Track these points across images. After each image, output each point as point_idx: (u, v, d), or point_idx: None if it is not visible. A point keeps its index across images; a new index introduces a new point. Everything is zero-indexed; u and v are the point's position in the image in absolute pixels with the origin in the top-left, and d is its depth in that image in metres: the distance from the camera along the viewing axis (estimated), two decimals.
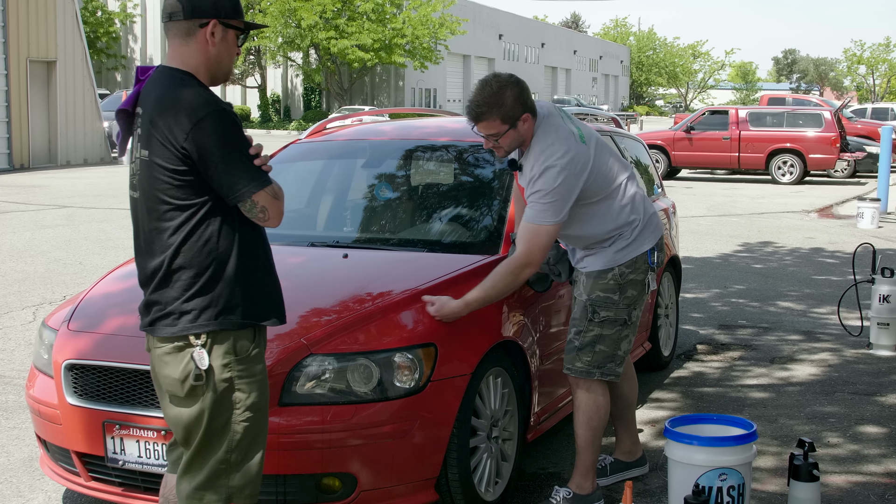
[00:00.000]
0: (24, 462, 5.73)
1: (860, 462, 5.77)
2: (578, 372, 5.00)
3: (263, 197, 3.45)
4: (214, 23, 3.52)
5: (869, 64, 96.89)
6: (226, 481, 3.58)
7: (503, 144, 4.75)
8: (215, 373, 3.50)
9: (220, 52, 3.57)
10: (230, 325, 3.50)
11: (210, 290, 3.49)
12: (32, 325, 8.91)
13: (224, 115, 3.42)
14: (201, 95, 3.44)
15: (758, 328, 9.14)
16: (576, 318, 5.04)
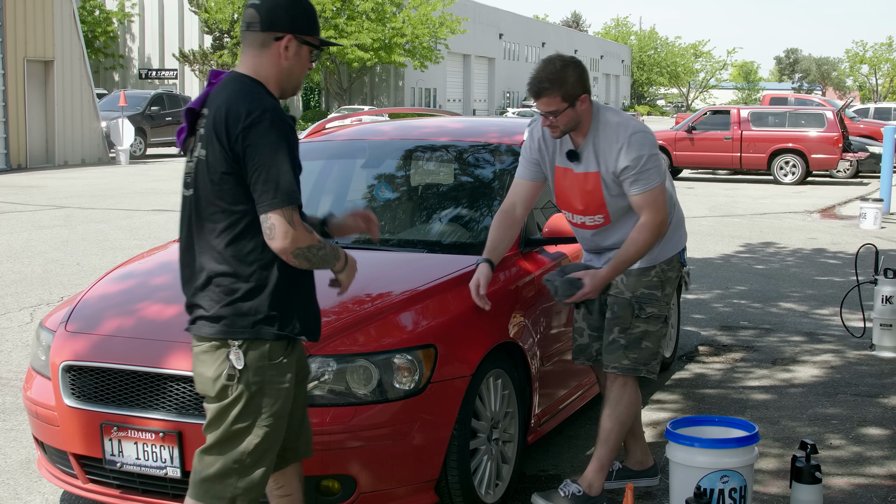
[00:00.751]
0: (22, 464, 5.71)
1: (863, 464, 5.74)
2: (625, 369, 5.00)
3: (276, 216, 3.46)
4: (290, 38, 3.63)
5: (871, 63, 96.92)
6: (234, 481, 3.64)
7: (560, 123, 4.78)
8: (249, 375, 3.59)
9: (293, 66, 3.66)
10: (266, 335, 3.58)
11: (250, 299, 3.57)
12: (30, 326, 8.88)
13: (279, 125, 3.48)
14: (262, 102, 3.52)
15: (760, 329, 9.11)
16: (619, 317, 5.01)
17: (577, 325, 5.29)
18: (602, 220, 4.96)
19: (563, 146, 4.96)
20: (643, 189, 4.78)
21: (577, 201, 4.96)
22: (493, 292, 5.05)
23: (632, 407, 5.07)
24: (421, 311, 4.73)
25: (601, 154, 4.84)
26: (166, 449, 4.31)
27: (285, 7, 3.63)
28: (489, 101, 72.89)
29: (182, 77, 57.12)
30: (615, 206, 4.91)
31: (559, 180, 5.02)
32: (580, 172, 4.90)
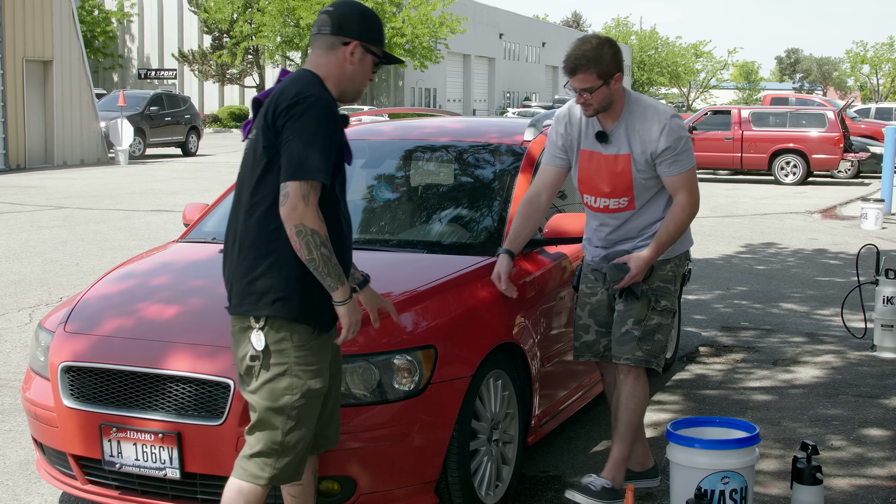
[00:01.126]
0: (21, 465, 5.69)
1: (864, 465, 5.73)
2: (638, 361, 5.04)
3: (293, 185, 3.61)
4: (356, 44, 3.85)
5: (873, 63, 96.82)
6: (272, 461, 3.78)
7: (594, 101, 4.85)
8: (271, 357, 3.75)
9: (356, 71, 3.87)
10: (286, 313, 3.72)
11: (271, 276, 3.73)
12: (29, 326, 8.87)
13: (321, 108, 3.68)
14: (313, 89, 3.74)
15: (760, 330, 9.10)
16: (633, 309, 5.04)
17: (582, 322, 5.27)
18: (626, 203, 5.01)
19: (591, 128, 5.02)
20: (681, 170, 4.92)
21: (604, 184, 5.01)
22: (492, 293, 5.05)
23: (646, 399, 5.16)
24: (421, 311, 4.72)
25: (635, 136, 4.92)
26: (165, 450, 4.30)
27: (356, 16, 3.87)
28: (489, 102, 72.86)
29: (181, 77, 57.15)
30: (641, 188, 4.98)
31: (584, 163, 5.07)
32: (609, 154, 4.97)
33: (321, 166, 3.63)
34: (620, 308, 5.09)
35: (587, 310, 5.24)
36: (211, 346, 4.37)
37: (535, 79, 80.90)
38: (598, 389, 6.35)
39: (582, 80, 4.82)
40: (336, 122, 3.72)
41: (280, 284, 3.72)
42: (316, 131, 3.65)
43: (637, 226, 5.05)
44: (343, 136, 3.82)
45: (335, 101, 3.81)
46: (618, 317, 5.10)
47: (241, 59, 52.87)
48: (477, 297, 4.97)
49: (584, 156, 5.05)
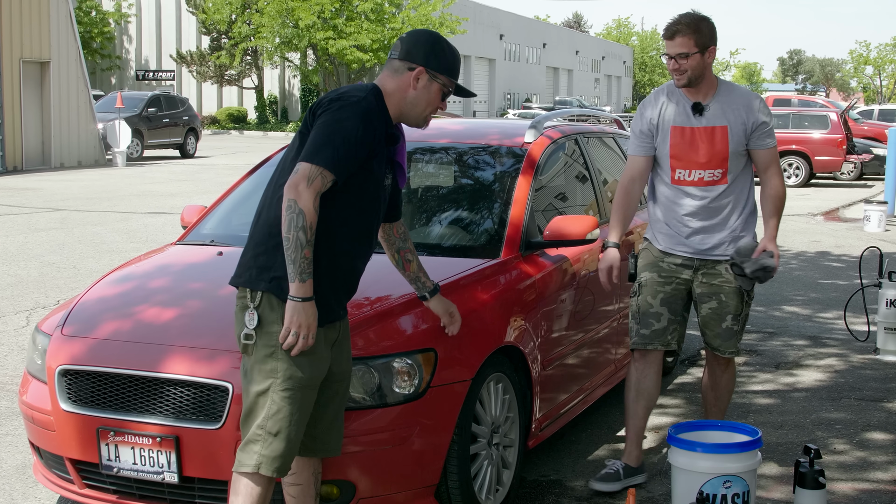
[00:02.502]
0: (18, 469, 5.67)
1: (867, 469, 5.71)
2: (739, 352, 5.52)
3: (304, 166, 3.69)
4: (421, 70, 3.95)
5: (876, 64, 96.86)
6: (258, 448, 3.76)
7: (688, 68, 5.08)
8: (262, 336, 3.77)
9: (419, 97, 3.97)
10: (280, 293, 3.74)
11: (274, 255, 3.77)
12: (26, 329, 8.84)
13: (358, 108, 3.76)
14: (363, 94, 3.83)
15: (763, 333, 9.07)
16: (728, 305, 5.31)
17: (654, 311, 5.35)
18: (720, 175, 5.21)
19: (682, 105, 5.23)
20: (774, 143, 5.26)
21: (701, 154, 5.20)
22: (493, 295, 5.03)
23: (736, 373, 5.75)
24: (421, 314, 4.68)
25: (731, 109, 5.18)
26: (164, 454, 4.28)
27: (425, 44, 3.97)
28: (489, 103, 72.83)
29: (179, 78, 57.11)
30: (735, 161, 5.21)
31: (676, 139, 5.24)
32: (705, 126, 5.20)
33: (333, 157, 3.69)
34: (714, 305, 5.32)
35: (660, 298, 5.35)
36: (209, 350, 4.35)
37: (535, 80, 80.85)
38: (599, 393, 6.33)
39: (680, 45, 5.06)
40: (368, 127, 3.77)
41: (280, 264, 3.75)
42: (342, 125, 3.73)
43: (723, 204, 5.25)
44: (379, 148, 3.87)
45: (381, 112, 3.88)
46: (713, 314, 5.34)
47: (239, 60, 52.85)
48: (477, 300, 4.94)
49: (676, 132, 5.24)
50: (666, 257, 5.36)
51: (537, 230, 5.68)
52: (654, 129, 5.30)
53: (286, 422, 3.76)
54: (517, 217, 5.56)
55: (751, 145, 5.22)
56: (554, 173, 6.33)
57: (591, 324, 6.13)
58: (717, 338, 5.37)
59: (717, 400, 5.57)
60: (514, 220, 5.54)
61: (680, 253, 5.32)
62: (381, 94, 3.93)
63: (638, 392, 5.43)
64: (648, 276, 5.37)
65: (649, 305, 5.35)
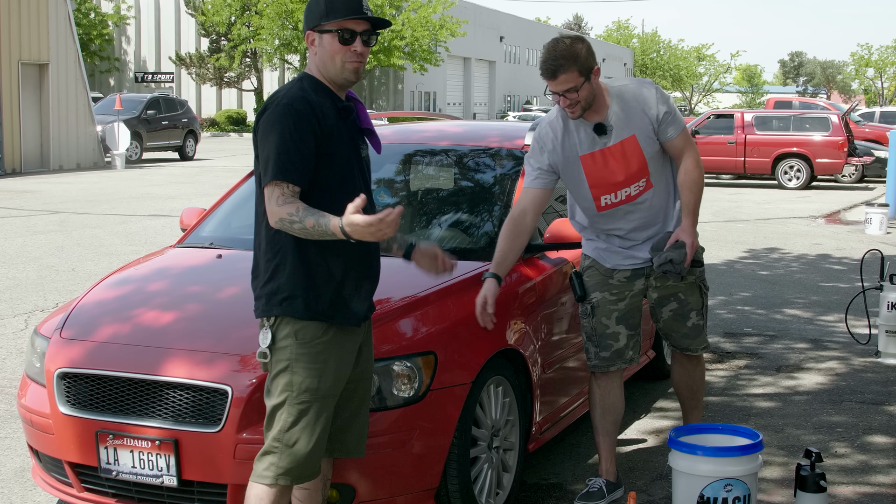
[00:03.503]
0: (16, 473, 5.66)
1: (868, 473, 5.69)
2: (708, 347, 5.47)
3: (266, 191, 3.71)
4: (308, 34, 3.89)
5: (877, 67, 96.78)
6: (276, 460, 3.77)
7: (581, 98, 4.84)
8: (276, 352, 3.79)
9: (323, 57, 3.86)
10: (293, 313, 3.77)
11: (277, 278, 3.79)
12: (24, 332, 8.83)
13: (282, 108, 3.73)
14: (283, 91, 3.82)
15: (764, 336, 9.06)
16: (689, 303, 5.27)
17: (610, 331, 5.20)
18: (645, 183, 5.05)
19: (583, 132, 5.00)
20: (681, 127, 5.05)
21: (619, 173, 5.02)
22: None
23: None
24: (420, 317, 4.68)
25: (632, 116, 4.98)
26: (163, 457, 4.27)
27: (305, 11, 3.91)
28: (490, 105, 72.90)
29: (178, 80, 57.15)
30: (654, 164, 5.05)
31: (589, 168, 5.03)
32: (614, 144, 4.99)
33: (281, 168, 3.67)
34: (675, 306, 5.25)
35: (615, 317, 5.20)
36: (208, 353, 4.34)
37: (536, 82, 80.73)
38: None
39: (565, 81, 4.79)
40: (299, 120, 3.71)
41: (286, 284, 3.77)
42: (273, 133, 3.72)
43: (658, 205, 5.12)
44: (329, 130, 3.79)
45: (314, 95, 3.81)
46: (674, 315, 5.27)
47: (238, 62, 52.87)
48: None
49: (587, 160, 5.01)
50: (615, 273, 5.20)
51: (538, 233, 5.66)
52: (557, 166, 5.05)
53: (302, 433, 3.77)
54: None
55: (661, 138, 5.01)
56: None
57: None
58: (685, 338, 5.31)
59: (693, 397, 5.55)
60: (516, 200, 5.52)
61: (629, 267, 5.19)
62: (310, 78, 3.87)
63: (604, 409, 5.30)
64: (600, 295, 5.20)
65: (605, 327, 5.20)
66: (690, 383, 5.52)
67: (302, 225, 3.64)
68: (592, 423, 5.37)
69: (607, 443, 5.33)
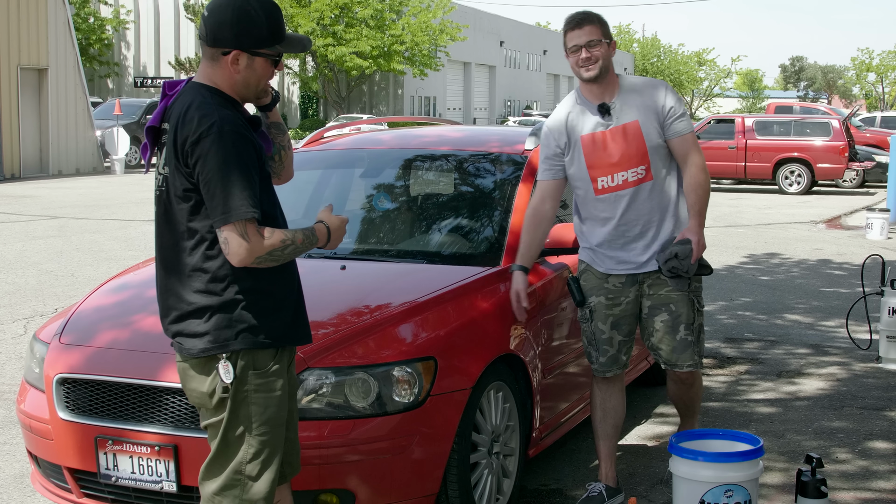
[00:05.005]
0: (15, 478, 5.66)
1: (869, 478, 5.68)
2: (697, 365, 5.25)
3: (228, 231, 3.43)
4: (237, 53, 3.54)
5: (878, 72, 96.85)
6: (238, 492, 3.63)
7: (600, 56, 4.97)
8: (237, 385, 3.58)
9: (247, 77, 3.59)
10: (249, 344, 3.56)
11: (229, 311, 3.54)
12: (23, 338, 8.83)
13: (227, 136, 3.42)
14: (212, 114, 3.45)
15: (765, 341, 9.05)
16: (680, 314, 5.14)
17: (605, 336, 5.21)
18: (644, 171, 5.04)
19: (587, 115, 5.08)
20: (689, 128, 5.08)
21: (616, 155, 5.03)
22: (493, 303, 5.01)
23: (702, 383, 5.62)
24: (420, 322, 4.67)
25: (639, 103, 5.04)
26: (162, 463, 4.26)
27: (230, 23, 3.52)
28: (490, 110, 72.91)
29: None
30: (655, 157, 5.04)
31: (588, 149, 5.07)
32: (616, 126, 5.04)
33: (243, 199, 3.40)
34: (665, 317, 5.14)
35: (609, 322, 5.20)
36: None
37: (536, 87, 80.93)
38: None
39: (588, 33, 4.96)
40: (245, 140, 3.47)
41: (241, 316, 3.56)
42: (228, 164, 3.41)
43: (655, 203, 5.09)
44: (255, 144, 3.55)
45: (236, 114, 3.54)
46: (665, 326, 5.15)
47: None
48: (477, 309, 4.92)
49: (587, 141, 5.08)
50: (609, 277, 5.19)
51: None
52: (565, 148, 5.12)
53: (267, 463, 3.65)
54: (517, 225, 5.53)
55: (666, 135, 5.04)
56: None
57: None
58: (673, 352, 5.15)
59: (688, 410, 5.54)
60: (515, 227, 5.52)
61: (623, 272, 5.17)
62: (218, 92, 3.56)
63: (604, 413, 5.32)
64: (596, 300, 5.20)
65: (602, 332, 5.22)
66: (685, 398, 5.49)
67: (294, 245, 3.53)
68: (593, 427, 5.37)
69: (607, 447, 5.33)
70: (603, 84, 5.03)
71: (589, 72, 4.97)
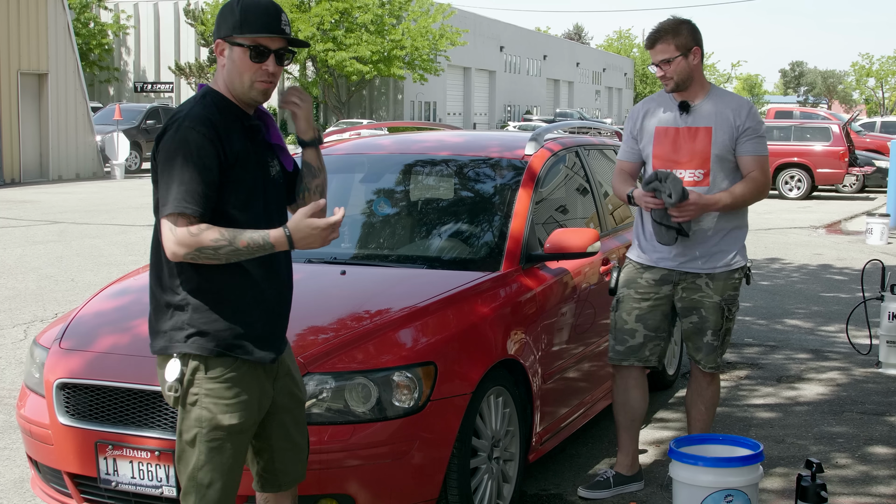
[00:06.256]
0: (15, 483, 5.65)
1: (869, 483, 5.67)
2: (719, 367, 5.45)
3: (164, 223, 3.46)
4: (218, 42, 3.58)
5: (878, 76, 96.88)
6: (195, 499, 3.62)
7: (672, 73, 5.12)
8: (185, 387, 3.57)
9: (231, 70, 3.57)
10: (196, 349, 3.54)
11: (181, 312, 3.57)
12: (23, 343, 8.82)
13: (183, 131, 3.46)
14: (181, 111, 3.53)
15: (765, 346, 9.05)
16: (709, 320, 5.30)
17: (628, 327, 5.39)
18: (702, 176, 5.17)
19: (670, 107, 5.27)
20: (759, 152, 5.19)
21: (682, 153, 5.20)
22: (493, 308, 5.01)
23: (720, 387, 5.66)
24: (420, 327, 4.67)
25: (719, 113, 5.18)
26: (162, 468, 4.25)
27: (219, 17, 3.60)
28: (490, 115, 72.92)
29: (178, 90, 57.14)
30: (717, 164, 5.17)
31: (659, 139, 5.27)
32: (689, 127, 5.20)
33: (180, 195, 3.40)
34: (695, 319, 5.31)
35: (635, 314, 5.36)
36: None
37: (536, 92, 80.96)
38: (600, 406, 6.30)
39: (662, 51, 5.11)
40: (201, 141, 3.44)
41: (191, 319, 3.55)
42: (175, 158, 3.43)
43: (708, 215, 5.19)
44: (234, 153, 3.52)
45: (217, 115, 3.52)
46: (693, 327, 5.34)
47: None
48: (477, 314, 4.92)
49: (660, 132, 5.27)
50: (645, 272, 5.35)
51: (538, 243, 5.66)
52: (639, 133, 5.35)
53: (217, 472, 3.60)
54: (518, 230, 5.54)
55: (737, 151, 5.19)
56: (554, 186, 6.32)
57: (592, 337, 6.10)
58: (699, 351, 5.38)
59: (700, 414, 5.54)
60: (515, 232, 5.53)
61: (661, 266, 5.31)
62: (215, 94, 3.59)
63: (622, 405, 5.54)
64: (626, 291, 5.40)
65: (624, 322, 5.40)
66: (700, 399, 5.52)
67: (233, 247, 3.41)
68: (614, 416, 5.61)
69: (623, 437, 5.56)
70: (686, 90, 5.21)
71: (667, 87, 5.20)
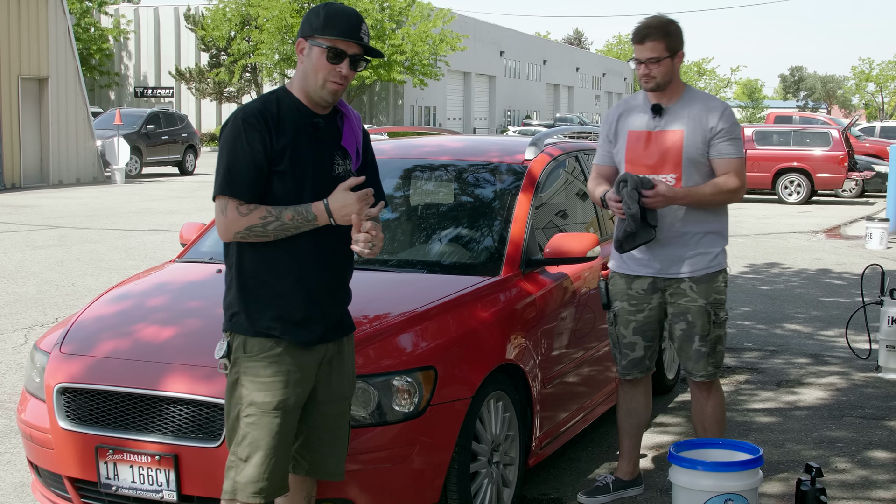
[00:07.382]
0: (16, 488, 5.65)
1: (869, 488, 5.67)
2: (711, 376, 5.28)
3: (216, 205, 3.75)
4: (301, 41, 3.80)
5: (878, 81, 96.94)
6: (232, 475, 3.77)
7: (657, 73, 5.05)
8: (230, 365, 3.81)
9: (306, 68, 3.78)
10: (239, 328, 3.78)
11: (230, 292, 3.84)
12: (24, 347, 8.82)
13: (233, 122, 3.72)
14: (243, 105, 3.80)
15: (764, 351, 9.04)
16: (696, 325, 5.20)
17: (627, 341, 5.35)
18: (673, 181, 5.10)
19: (644, 109, 5.20)
20: (734, 154, 5.11)
21: (652, 156, 5.14)
22: (493, 313, 5.01)
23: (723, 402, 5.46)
24: (420, 332, 4.67)
25: (692, 115, 5.10)
26: (162, 472, 4.26)
27: (304, 18, 3.83)
28: (490, 120, 72.98)
29: (178, 95, 57.24)
30: (691, 167, 5.09)
31: (631, 143, 5.20)
32: (660, 130, 5.14)
33: (223, 182, 3.69)
34: (683, 326, 5.22)
35: (632, 327, 5.32)
36: (208, 368, 4.31)
37: (536, 97, 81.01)
38: (600, 411, 6.30)
39: (651, 49, 5.02)
40: (250, 131, 3.69)
41: (235, 299, 3.82)
42: (225, 146, 3.73)
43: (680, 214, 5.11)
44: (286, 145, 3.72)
45: (275, 110, 3.75)
46: (682, 335, 5.24)
47: (238, 76, 52.92)
48: (477, 318, 4.93)
49: (632, 136, 5.21)
50: (633, 282, 5.28)
51: (538, 248, 5.67)
52: (614, 137, 5.29)
53: (255, 447, 3.73)
54: (517, 234, 5.55)
55: (710, 153, 5.10)
56: (554, 190, 6.33)
57: (592, 341, 6.11)
58: (689, 360, 5.27)
59: (705, 431, 5.37)
60: (515, 237, 5.53)
61: (645, 274, 5.23)
62: (285, 91, 3.82)
63: (627, 412, 5.51)
64: (620, 305, 5.34)
65: (623, 336, 5.36)
66: (701, 414, 5.39)
67: (280, 221, 3.67)
68: (617, 421, 5.59)
69: (626, 443, 5.53)
70: (662, 93, 5.15)
71: (647, 85, 5.12)
